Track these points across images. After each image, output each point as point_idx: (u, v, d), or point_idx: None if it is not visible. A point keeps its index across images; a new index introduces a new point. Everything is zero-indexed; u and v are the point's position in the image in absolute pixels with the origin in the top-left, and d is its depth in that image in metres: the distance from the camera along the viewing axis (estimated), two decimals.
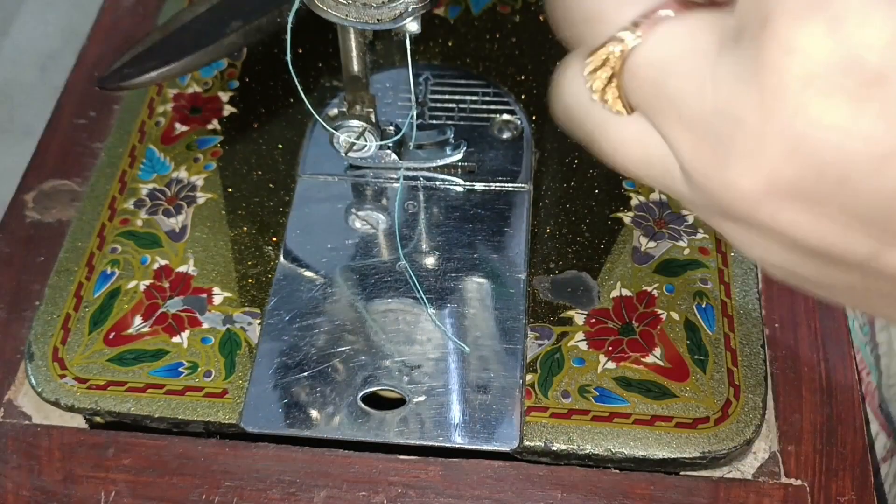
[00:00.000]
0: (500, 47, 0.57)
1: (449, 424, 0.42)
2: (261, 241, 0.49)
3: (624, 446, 0.41)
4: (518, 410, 0.42)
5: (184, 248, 0.48)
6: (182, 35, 0.48)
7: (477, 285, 0.46)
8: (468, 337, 0.44)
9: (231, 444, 0.42)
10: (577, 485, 0.40)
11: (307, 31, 0.58)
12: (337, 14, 0.40)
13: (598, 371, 0.43)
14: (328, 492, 0.41)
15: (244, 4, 0.49)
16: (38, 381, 0.44)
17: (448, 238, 0.48)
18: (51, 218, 0.51)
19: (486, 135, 0.52)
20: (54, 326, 0.46)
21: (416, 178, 0.50)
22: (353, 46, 0.44)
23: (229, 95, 0.55)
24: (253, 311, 0.46)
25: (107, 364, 0.44)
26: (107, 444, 0.42)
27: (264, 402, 0.43)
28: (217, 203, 0.50)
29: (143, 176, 0.51)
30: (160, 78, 0.47)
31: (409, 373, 0.43)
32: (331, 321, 0.45)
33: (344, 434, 0.42)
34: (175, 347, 0.45)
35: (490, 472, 0.41)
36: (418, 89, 0.54)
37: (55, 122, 0.55)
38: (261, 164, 0.52)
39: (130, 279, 0.47)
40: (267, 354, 0.44)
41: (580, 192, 0.50)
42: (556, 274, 0.47)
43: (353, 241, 0.48)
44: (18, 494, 0.41)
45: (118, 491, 0.41)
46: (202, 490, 0.41)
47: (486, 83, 0.55)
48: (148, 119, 0.54)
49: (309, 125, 0.53)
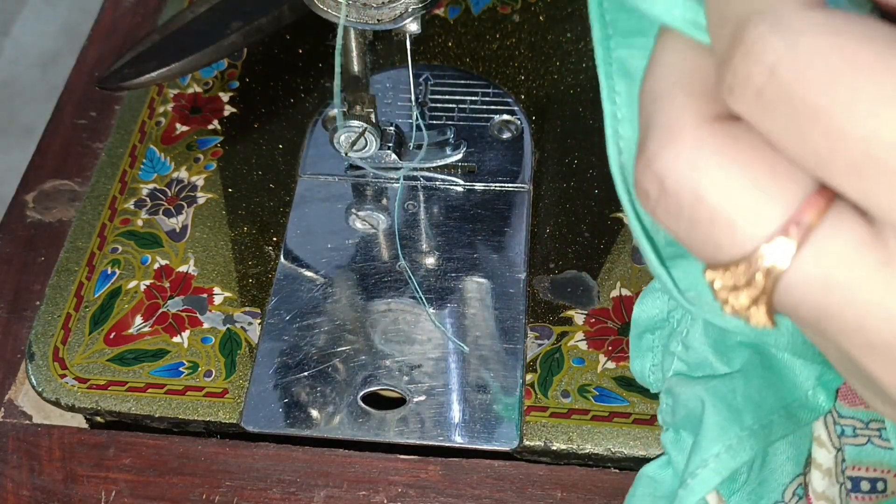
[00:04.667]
0: (500, 47, 0.57)
1: (449, 424, 0.42)
2: (261, 241, 0.49)
3: (624, 446, 0.41)
4: (518, 410, 0.42)
5: (184, 248, 0.48)
6: (182, 35, 0.48)
7: (477, 285, 0.46)
8: (468, 337, 0.44)
9: (231, 444, 0.42)
10: (577, 485, 0.41)
11: (307, 32, 0.58)
12: (337, 14, 0.40)
13: (598, 371, 0.43)
14: (328, 491, 0.41)
15: (244, 5, 0.49)
16: (39, 381, 0.44)
17: (448, 238, 0.48)
18: (51, 218, 0.51)
19: (486, 135, 0.52)
20: (55, 326, 0.46)
21: (416, 178, 0.50)
22: (353, 46, 0.44)
23: (230, 95, 0.55)
24: (253, 311, 0.46)
25: (107, 364, 0.44)
26: (107, 444, 0.43)
27: (264, 402, 0.43)
28: (217, 203, 0.50)
29: (144, 176, 0.52)
30: (160, 78, 0.47)
31: (409, 373, 0.43)
32: (331, 321, 0.45)
33: (344, 434, 0.42)
34: (175, 347, 0.45)
35: (490, 472, 0.41)
36: (418, 89, 0.54)
37: (55, 123, 0.55)
38: (261, 165, 0.52)
39: (131, 279, 0.47)
40: (267, 354, 0.44)
41: (580, 192, 0.50)
42: (556, 274, 0.47)
43: (353, 241, 0.48)
44: (19, 494, 0.41)
45: (118, 490, 0.41)
46: (202, 490, 0.41)
47: (486, 83, 0.55)
48: (148, 119, 0.54)
49: (309, 125, 0.53)
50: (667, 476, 0.35)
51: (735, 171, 0.17)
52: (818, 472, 0.32)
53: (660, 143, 0.18)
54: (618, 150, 0.23)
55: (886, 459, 0.31)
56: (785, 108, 0.16)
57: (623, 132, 0.23)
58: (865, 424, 0.31)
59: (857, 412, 0.31)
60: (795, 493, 0.32)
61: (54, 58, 1.34)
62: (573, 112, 0.54)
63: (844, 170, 0.16)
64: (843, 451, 0.31)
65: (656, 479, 0.35)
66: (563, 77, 0.55)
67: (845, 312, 0.17)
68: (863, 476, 0.31)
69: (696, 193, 0.18)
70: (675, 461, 0.33)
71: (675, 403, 0.33)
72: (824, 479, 0.32)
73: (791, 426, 0.30)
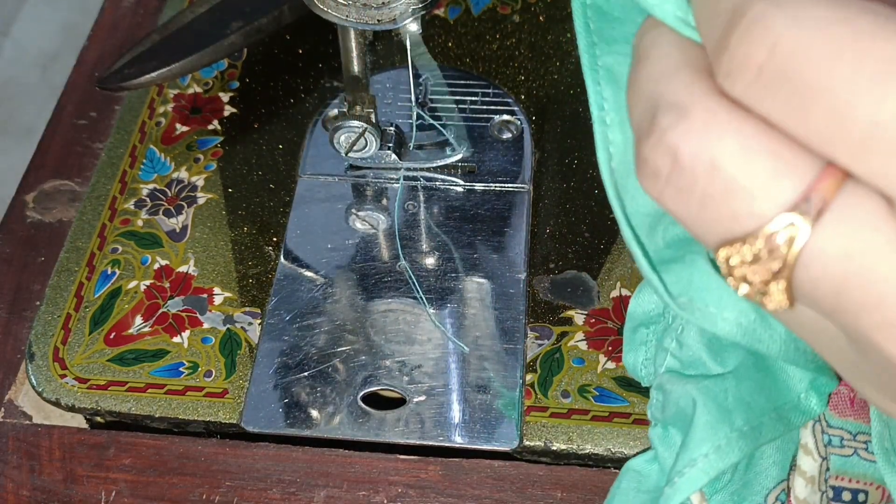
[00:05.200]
0: (500, 47, 0.57)
1: (449, 424, 0.42)
2: (261, 242, 0.49)
3: (624, 446, 0.41)
4: (518, 410, 0.42)
5: (184, 249, 0.48)
6: (182, 35, 0.48)
7: (477, 285, 0.46)
8: (468, 337, 0.44)
9: (231, 444, 0.42)
10: (577, 485, 0.41)
11: (307, 32, 0.58)
12: (337, 14, 0.40)
13: (598, 371, 0.43)
14: (328, 491, 0.41)
15: (244, 5, 0.49)
16: (39, 381, 0.44)
17: (448, 238, 0.48)
18: (51, 218, 0.51)
19: (486, 135, 0.52)
20: (55, 326, 0.46)
21: (416, 178, 0.50)
22: (353, 46, 0.44)
23: (230, 96, 0.55)
24: (253, 311, 0.46)
25: (107, 364, 0.44)
26: (107, 444, 0.43)
27: (265, 402, 0.43)
28: (217, 203, 0.50)
29: (144, 176, 0.52)
30: (160, 78, 0.47)
31: (409, 373, 0.43)
32: (331, 321, 0.45)
33: (344, 434, 0.42)
34: (176, 347, 0.45)
35: (490, 472, 0.41)
36: (418, 89, 0.54)
37: (55, 123, 0.55)
38: (261, 165, 0.52)
39: (131, 279, 0.47)
40: (267, 354, 0.44)
41: (580, 192, 0.50)
42: (556, 274, 0.47)
43: (353, 242, 0.48)
44: (19, 494, 0.41)
45: (118, 491, 0.41)
46: (202, 490, 0.41)
47: (486, 83, 0.55)
48: (148, 119, 0.54)
49: (309, 125, 0.53)
50: (652, 471, 0.35)
51: (751, 139, 0.17)
52: (801, 480, 0.32)
53: (672, 117, 0.18)
54: (608, 156, 0.23)
55: (870, 472, 0.31)
56: (786, 87, 0.16)
57: (612, 137, 0.23)
58: (853, 436, 0.31)
59: (847, 423, 0.31)
60: (778, 499, 0.32)
61: (54, 58, 1.34)
62: (573, 112, 0.54)
63: (851, 149, 0.16)
64: (828, 460, 0.31)
65: (642, 474, 0.35)
66: (563, 77, 0.55)
67: (865, 287, 0.16)
68: (845, 486, 0.31)
69: (711, 163, 0.17)
70: (661, 457, 0.33)
71: (666, 400, 0.33)
72: (807, 486, 0.32)
73: (781, 429, 0.30)
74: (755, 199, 0.17)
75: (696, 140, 0.17)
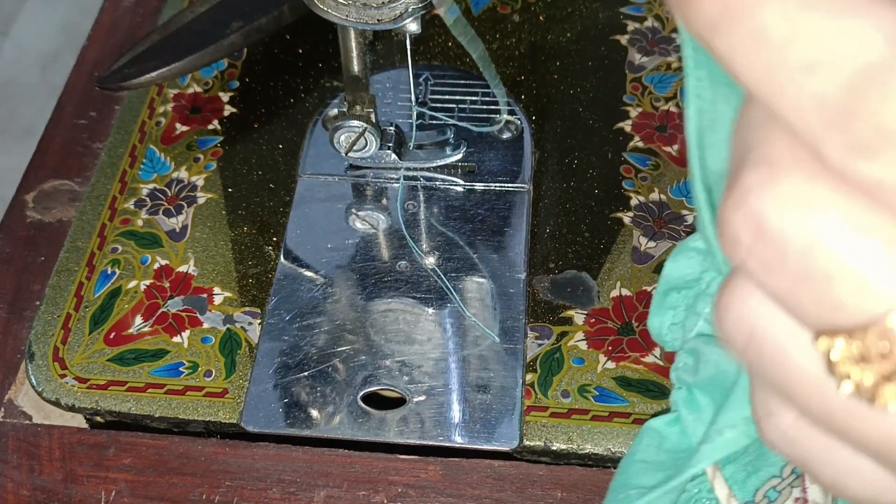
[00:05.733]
0: (500, 47, 0.57)
1: (449, 424, 0.42)
2: (261, 241, 0.49)
3: (624, 446, 0.41)
4: (518, 410, 0.42)
5: (184, 248, 0.48)
6: (182, 35, 0.48)
7: (477, 285, 0.46)
8: (468, 337, 0.44)
9: (231, 444, 0.42)
10: (577, 485, 0.41)
11: (307, 32, 0.58)
12: (337, 14, 0.40)
13: (598, 371, 0.43)
14: (328, 491, 0.41)
15: (244, 5, 0.49)
16: (39, 381, 0.44)
17: (448, 238, 0.48)
18: (51, 218, 0.51)
19: (486, 135, 0.52)
20: (55, 326, 0.46)
21: (416, 178, 0.50)
22: (353, 46, 0.44)
23: (230, 95, 0.55)
24: (253, 311, 0.46)
25: (107, 364, 0.44)
26: (107, 444, 0.43)
27: (264, 402, 0.43)
28: (217, 203, 0.50)
29: (144, 176, 0.52)
30: (160, 78, 0.47)
31: (409, 373, 0.43)
32: (331, 321, 0.45)
33: (344, 434, 0.42)
34: (175, 347, 0.45)
35: (490, 472, 0.41)
36: (418, 89, 0.54)
37: (55, 122, 0.55)
38: (261, 165, 0.52)
39: (131, 279, 0.47)
40: (267, 354, 0.44)
41: (580, 192, 0.50)
42: (556, 274, 0.47)
43: (353, 242, 0.48)
44: (19, 494, 0.41)
45: (118, 490, 0.41)
46: (202, 490, 0.41)
47: (486, 83, 0.55)
48: (148, 119, 0.54)
49: (309, 125, 0.53)
50: (672, 433, 0.34)
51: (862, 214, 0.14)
52: None
53: (760, 176, 0.15)
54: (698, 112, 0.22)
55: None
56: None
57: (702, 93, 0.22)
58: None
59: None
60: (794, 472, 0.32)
61: (54, 58, 1.34)
62: (573, 112, 0.54)
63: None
64: None
65: (662, 434, 0.35)
66: (563, 77, 0.55)
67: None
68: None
69: (808, 240, 0.14)
70: (684, 419, 0.33)
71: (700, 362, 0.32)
72: None
73: None
74: (869, 288, 0.14)
75: (788, 209, 0.14)
